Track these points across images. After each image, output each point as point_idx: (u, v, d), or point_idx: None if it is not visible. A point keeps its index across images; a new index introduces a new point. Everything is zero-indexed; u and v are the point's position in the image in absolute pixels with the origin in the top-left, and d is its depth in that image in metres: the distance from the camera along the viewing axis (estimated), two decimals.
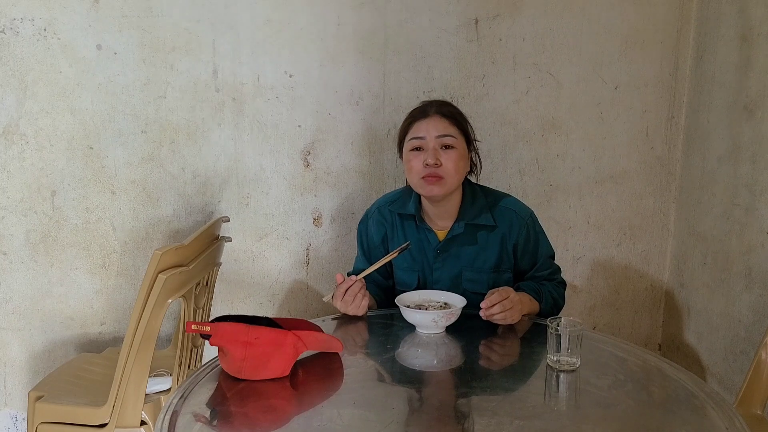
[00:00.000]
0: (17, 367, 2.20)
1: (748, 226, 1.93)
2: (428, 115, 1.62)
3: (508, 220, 1.68)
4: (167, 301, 1.61)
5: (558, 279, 1.75)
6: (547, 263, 1.73)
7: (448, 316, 1.48)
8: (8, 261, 2.12)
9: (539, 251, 1.72)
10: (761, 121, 1.88)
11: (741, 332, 1.97)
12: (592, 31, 2.20)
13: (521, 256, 1.70)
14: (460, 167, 1.61)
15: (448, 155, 1.59)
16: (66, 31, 2.01)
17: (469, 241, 1.68)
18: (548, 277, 1.72)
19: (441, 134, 1.60)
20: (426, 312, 1.49)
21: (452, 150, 1.60)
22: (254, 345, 1.25)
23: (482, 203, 1.69)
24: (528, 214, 1.71)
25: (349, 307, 1.58)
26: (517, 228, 1.67)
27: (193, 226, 2.17)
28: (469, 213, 1.67)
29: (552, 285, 1.71)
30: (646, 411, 1.18)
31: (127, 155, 2.11)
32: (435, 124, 1.61)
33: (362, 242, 1.81)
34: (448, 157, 1.59)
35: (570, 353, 1.31)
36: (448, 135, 1.60)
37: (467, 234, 1.68)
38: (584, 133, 2.27)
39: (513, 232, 1.67)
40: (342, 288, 1.57)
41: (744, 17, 1.96)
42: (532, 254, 1.71)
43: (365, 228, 1.80)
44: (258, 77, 2.12)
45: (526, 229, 1.68)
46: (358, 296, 1.57)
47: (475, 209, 1.67)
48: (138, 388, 1.63)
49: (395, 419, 1.13)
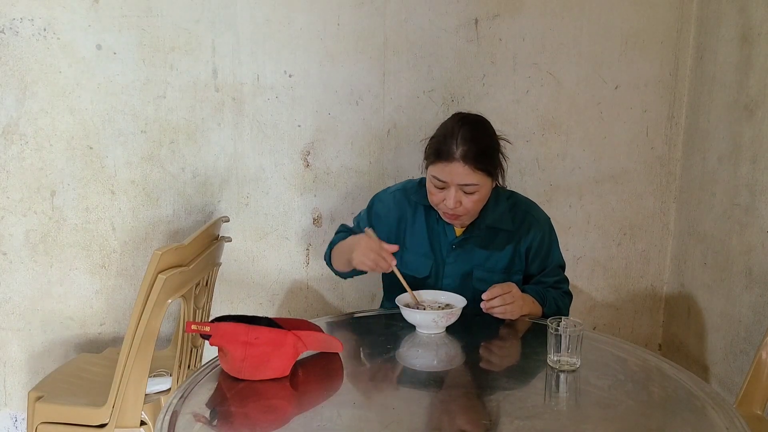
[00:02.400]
0: (17, 367, 2.20)
1: (749, 226, 1.93)
2: (452, 160, 1.51)
3: (527, 225, 1.68)
4: (167, 301, 1.61)
5: (564, 289, 1.74)
6: (555, 271, 1.72)
7: (448, 316, 1.47)
8: (8, 261, 2.12)
9: (550, 258, 1.71)
10: (761, 121, 1.88)
11: (741, 332, 1.97)
12: (592, 31, 2.20)
13: (532, 259, 1.70)
14: (480, 202, 1.59)
15: (470, 198, 1.55)
16: (66, 31, 2.01)
17: (484, 241, 1.68)
18: (554, 285, 1.71)
19: (463, 183, 1.53)
20: (426, 312, 1.49)
21: (473, 195, 1.55)
22: (254, 345, 1.25)
23: (504, 207, 1.68)
24: (546, 221, 1.72)
25: (362, 256, 1.53)
26: (533, 232, 1.68)
27: (193, 226, 2.17)
28: (490, 216, 1.66)
29: (558, 294, 1.71)
30: (646, 411, 1.18)
31: (127, 155, 2.11)
32: (458, 173, 1.51)
33: (374, 208, 1.77)
34: (469, 199, 1.55)
35: (570, 353, 1.31)
36: (469, 184, 1.53)
37: (484, 235, 1.68)
38: (584, 133, 2.27)
39: (528, 235, 1.68)
40: (382, 251, 1.52)
41: (744, 17, 1.96)
42: (543, 259, 1.70)
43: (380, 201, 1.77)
44: (258, 77, 2.12)
45: (542, 234, 1.69)
46: (374, 265, 1.53)
47: (497, 213, 1.67)
48: (138, 389, 1.62)
49: (395, 419, 1.12)
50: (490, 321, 1.59)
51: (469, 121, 1.60)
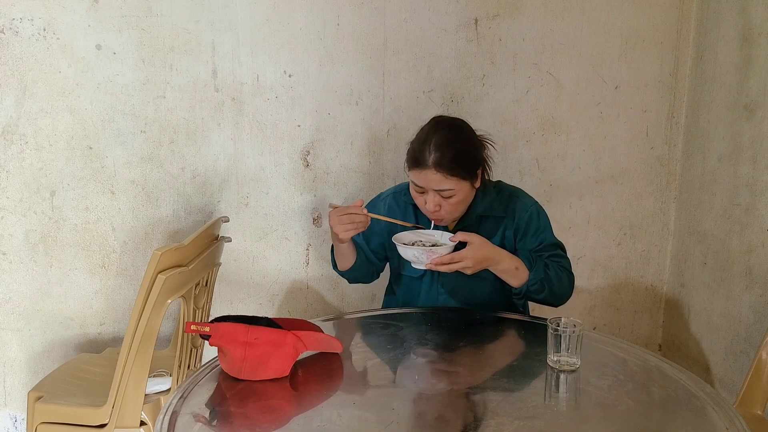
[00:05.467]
0: (17, 368, 2.20)
1: (749, 226, 1.93)
2: (425, 167, 1.54)
3: (513, 208, 1.69)
4: (167, 301, 1.61)
5: (561, 263, 1.66)
6: (550, 248, 1.68)
7: (428, 253, 1.51)
8: (7, 261, 2.12)
9: (541, 236, 1.67)
10: (761, 121, 1.88)
11: (741, 332, 1.97)
12: (592, 31, 2.20)
13: (521, 239, 1.67)
14: (462, 203, 1.61)
15: (449, 201, 1.58)
16: (65, 31, 2.01)
17: (476, 231, 1.68)
18: (550, 259, 1.66)
19: (438, 189, 1.56)
20: (411, 248, 1.54)
21: (451, 198, 1.58)
22: (254, 345, 1.25)
23: (492, 196, 1.69)
24: (532, 203, 1.71)
25: (339, 226, 1.58)
26: (519, 213, 1.68)
27: (193, 226, 2.17)
28: (480, 206, 1.68)
29: (551, 263, 1.64)
30: (646, 411, 1.18)
31: (127, 155, 2.11)
32: (432, 179, 1.54)
33: None
34: (448, 203, 1.58)
35: (570, 353, 1.31)
36: (446, 189, 1.56)
37: (475, 224, 1.69)
38: (584, 133, 2.27)
39: (515, 218, 1.68)
40: (348, 209, 1.58)
41: (744, 17, 1.96)
42: (533, 237, 1.67)
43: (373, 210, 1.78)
44: (257, 77, 2.12)
45: (528, 214, 1.67)
46: (353, 225, 1.58)
47: (486, 202, 1.68)
48: (137, 389, 1.62)
49: (395, 419, 1.12)
50: (491, 321, 1.59)
51: (444, 126, 1.60)
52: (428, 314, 1.67)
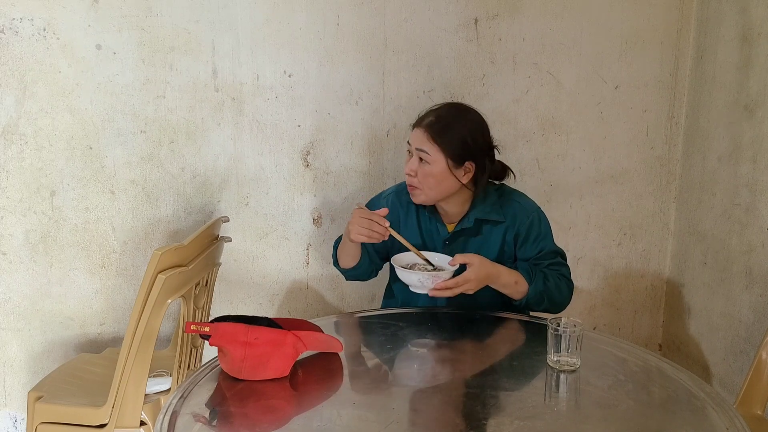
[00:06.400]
0: (17, 368, 2.20)
1: (749, 226, 1.93)
2: (419, 126, 1.64)
3: (513, 213, 1.69)
4: (167, 301, 1.61)
5: (561, 271, 1.68)
6: (550, 255, 1.68)
7: (433, 278, 1.51)
8: (7, 261, 2.11)
9: (542, 243, 1.68)
10: (761, 120, 1.88)
11: (741, 332, 1.97)
12: (592, 31, 2.20)
13: (521, 245, 1.68)
14: (431, 183, 1.62)
15: (422, 168, 1.62)
16: (65, 31, 2.01)
17: (475, 234, 1.70)
18: (548, 268, 1.67)
19: (418, 148, 1.62)
20: (414, 272, 1.54)
21: (426, 165, 1.61)
22: (254, 345, 1.25)
23: (494, 200, 1.70)
24: (534, 208, 1.71)
25: (356, 227, 1.59)
26: (520, 219, 1.68)
27: (193, 226, 2.17)
28: (479, 209, 1.68)
29: (551, 272, 1.65)
30: (646, 411, 1.18)
31: (127, 155, 2.11)
32: (417, 137, 1.62)
33: None
34: (421, 171, 1.62)
35: (570, 353, 1.31)
36: (422, 150, 1.61)
37: (475, 228, 1.69)
38: (584, 133, 2.27)
39: (515, 223, 1.68)
40: (372, 216, 1.58)
41: (744, 17, 1.96)
42: (533, 244, 1.67)
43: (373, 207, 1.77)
44: (257, 77, 2.12)
45: (529, 220, 1.68)
46: (368, 233, 1.58)
47: (486, 206, 1.68)
48: (137, 389, 1.62)
49: (395, 419, 1.12)
50: (491, 321, 1.59)
51: (455, 105, 1.71)
52: (428, 314, 1.67)
